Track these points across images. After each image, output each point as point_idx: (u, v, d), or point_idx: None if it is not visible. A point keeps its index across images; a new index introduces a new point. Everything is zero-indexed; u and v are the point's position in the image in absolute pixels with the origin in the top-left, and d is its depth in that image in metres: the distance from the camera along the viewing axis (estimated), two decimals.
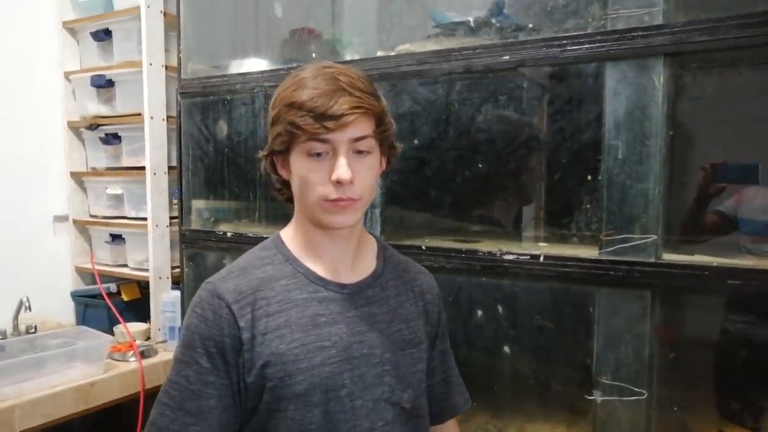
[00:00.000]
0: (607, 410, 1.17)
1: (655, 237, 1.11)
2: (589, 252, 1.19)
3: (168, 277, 2.06)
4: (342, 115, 0.82)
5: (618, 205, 1.14)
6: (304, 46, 1.69)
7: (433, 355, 1.03)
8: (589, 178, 1.19)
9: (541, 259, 1.21)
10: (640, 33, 1.09)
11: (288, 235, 0.98)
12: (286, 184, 0.94)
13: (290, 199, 0.96)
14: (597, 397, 1.17)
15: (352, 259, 0.96)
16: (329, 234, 0.93)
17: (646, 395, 1.12)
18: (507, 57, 1.23)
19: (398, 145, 0.97)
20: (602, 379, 1.17)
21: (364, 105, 0.84)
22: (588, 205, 1.20)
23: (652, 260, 1.11)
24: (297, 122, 0.84)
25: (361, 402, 0.90)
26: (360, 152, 0.87)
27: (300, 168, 0.88)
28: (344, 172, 0.84)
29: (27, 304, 1.94)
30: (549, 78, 1.23)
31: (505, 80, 1.28)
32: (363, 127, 0.86)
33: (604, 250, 1.16)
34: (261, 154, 0.96)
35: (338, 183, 0.84)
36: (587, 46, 1.14)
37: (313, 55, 1.67)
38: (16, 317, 1.97)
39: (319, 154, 0.86)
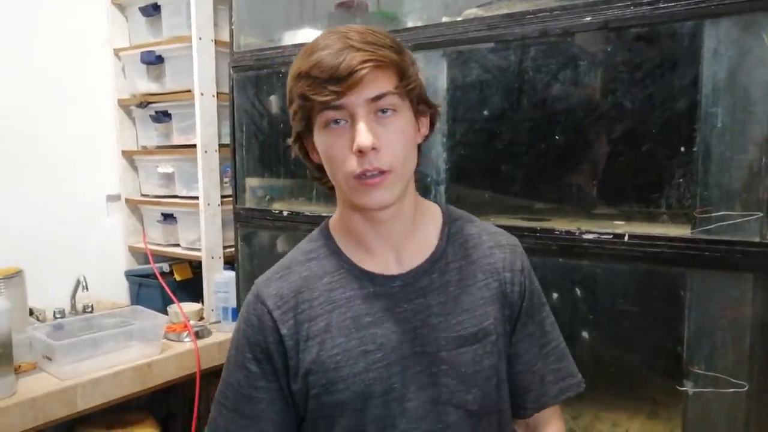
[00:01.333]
0: (700, 402, 1.07)
1: (760, 214, 1.00)
2: (680, 231, 1.09)
3: (220, 257, 2.04)
4: (351, 73, 0.71)
5: (716, 179, 1.04)
6: (350, 19, 1.61)
7: (514, 340, 0.88)
8: (683, 149, 1.08)
9: (626, 238, 1.12)
10: None
11: (334, 223, 0.89)
12: (323, 170, 0.82)
13: (332, 187, 0.86)
14: (688, 388, 1.08)
15: (404, 242, 0.85)
16: (371, 218, 0.82)
17: (747, 388, 1.02)
18: (589, 18, 1.13)
19: (436, 103, 0.85)
20: (694, 368, 1.08)
21: (377, 58, 0.72)
22: (680, 180, 1.09)
23: (756, 240, 1.00)
24: (305, 92, 0.74)
25: (415, 404, 0.81)
26: (384, 115, 0.75)
27: (322, 145, 0.78)
28: (364, 137, 0.72)
29: (84, 284, 1.95)
30: (637, 39, 1.12)
31: (586, 44, 1.17)
32: (381, 83, 0.74)
33: (698, 229, 1.06)
34: (289, 141, 0.86)
35: (360, 153, 0.73)
36: (684, 2, 1.03)
37: None
38: (73, 296, 1.98)
39: (337, 122, 0.75)
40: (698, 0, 1.01)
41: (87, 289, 1.97)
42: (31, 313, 1.86)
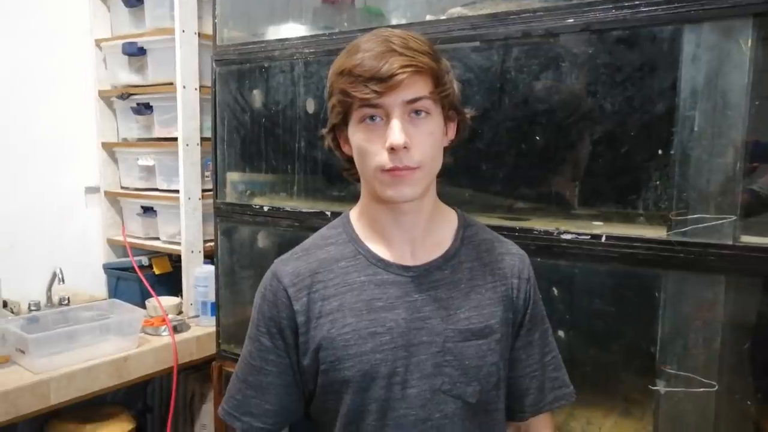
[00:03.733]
0: (672, 402, 1.09)
1: (734, 217, 1.01)
2: (656, 232, 1.10)
3: (200, 251, 2.03)
4: (391, 76, 0.76)
5: (692, 182, 1.05)
6: (335, 14, 1.61)
7: (517, 345, 0.94)
8: (660, 152, 1.09)
9: (603, 239, 1.13)
10: None
11: (355, 213, 0.94)
12: (352, 162, 0.88)
13: (359, 179, 0.91)
14: (661, 387, 1.10)
15: (421, 237, 0.90)
16: (393, 210, 0.87)
17: (716, 387, 1.04)
18: (571, 20, 1.14)
19: (468, 111, 0.90)
20: (667, 368, 1.09)
21: (416, 64, 0.78)
22: (657, 182, 1.10)
23: (730, 242, 1.02)
24: (347, 89, 0.80)
25: (416, 390, 0.85)
26: (417, 116, 0.80)
27: (356, 138, 0.83)
28: (397, 136, 0.78)
29: (60, 276, 1.93)
30: (618, 42, 1.13)
31: (567, 45, 1.18)
32: (417, 87, 0.79)
33: (673, 231, 1.07)
34: (323, 131, 0.91)
35: (392, 150, 0.78)
36: (664, 6, 1.04)
37: (345, 24, 1.59)
38: (49, 289, 1.96)
39: (372, 119, 0.80)
40: (678, 5, 1.03)
41: (63, 281, 1.94)
42: (5, 305, 1.83)
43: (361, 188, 0.93)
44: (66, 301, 1.94)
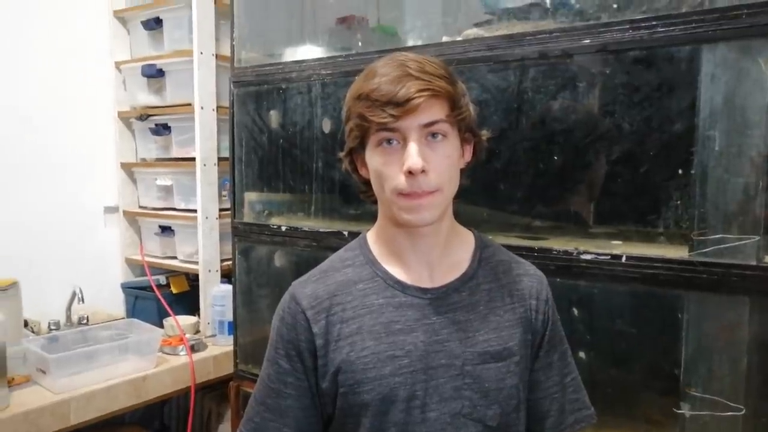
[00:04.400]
0: (697, 425, 1.07)
1: (757, 238, 1.00)
2: (677, 252, 1.09)
3: (218, 270, 2.04)
4: (408, 100, 0.77)
5: (713, 201, 1.04)
6: (351, 35, 1.62)
7: (536, 367, 0.93)
8: (680, 171, 1.09)
9: (623, 259, 1.12)
10: (745, 11, 0.98)
11: (372, 235, 0.94)
12: (369, 185, 0.89)
13: (376, 201, 0.91)
14: (685, 411, 1.08)
15: (438, 259, 0.89)
16: (410, 234, 0.87)
17: (744, 411, 1.02)
18: (588, 41, 1.14)
19: (484, 133, 0.90)
20: (691, 391, 1.08)
21: (432, 88, 0.78)
22: (678, 201, 1.09)
23: (753, 263, 1.01)
24: (364, 113, 0.80)
25: (435, 414, 0.84)
26: (434, 140, 0.81)
27: (374, 162, 0.84)
28: (415, 160, 0.78)
29: (80, 296, 1.94)
30: (635, 62, 1.13)
31: (584, 66, 1.18)
32: (434, 111, 0.80)
33: (695, 251, 1.06)
34: (340, 154, 0.91)
35: (410, 174, 0.79)
36: (681, 27, 1.04)
37: (360, 44, 1.60)
38: (69, 308, 1.97)
39: (390, 142, 0.81)
40: (695, 25, 1.02)
41: (83, 301, 1.96)
42: (26, 324, 1.85)
43: (378, 210, 0.93)
44: (85, 320, 1.95)
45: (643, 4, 1.11)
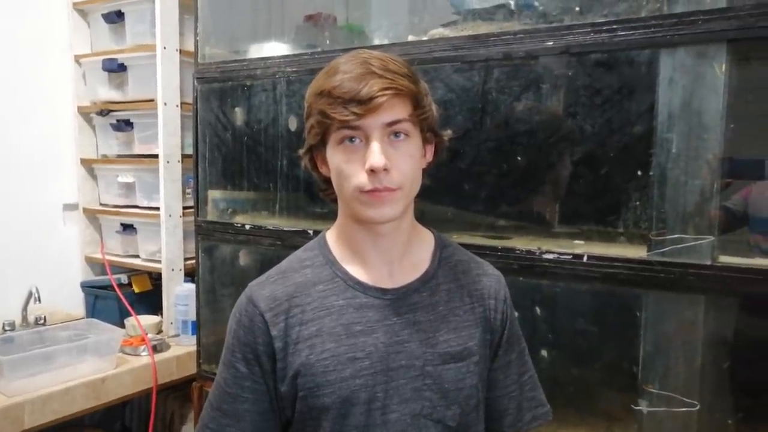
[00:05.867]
0: (655, 422, 1.09)
1: (712, 238, 1.03)
2: (636, 252, 1.12)
3: (181, 269, 2.00)
4: (371, 99, 0.76)
5: (671, 202, 1.07)
6: (318, 33, 1.61)
7: (495, 366, 0.93)
8: (639, 173, 1.11)
9: (585, 258, 1.14)
10: (701, 17, 1.00)
11: (332, 235, 0.93)
12: (330, 183, 0.87)
13: (336, 200, 0.90)
14: (643, 407, 1.10)
15: (399, 260, 0.89)
16: (371, 232, 0.86)
17: (698, 407, 1.05)
18: (551, 43, 1.15)
19: (446, 133, 0.90)
20: (649, 387, 1.10)
21: (396, 86, 0.77)
22: (637, 202, 1.12)
23: (708, 263, 1.03)
24: (326, 110, 0.79)
25: (396, 416, 0.83)
26: (397, 138, 0.80)
27: (335, 160, 0.83)
28: (377, 159, 0.77)
29: (36, 295, 1.89)
30: (597, 65, 1.14)
31: (547, 67, 1.19)
32: (397, 110, 0.79)
33: (653, 251, 1.08)
34: (300, 151, 0.90)
35: (372, 172, 0.78)
36: (641, 31, 1.06)
37: (327, 42, 1.59)
38: (25, 308, 1.92)
39: (352, 140, 0.80)
40: (654, 29, 1.05)
41: (39, 300, 1.90)
42: None
43: (338, 209, 0.91)
44: (42, 321, 1.90)
45: (604, 7, 1.12)
